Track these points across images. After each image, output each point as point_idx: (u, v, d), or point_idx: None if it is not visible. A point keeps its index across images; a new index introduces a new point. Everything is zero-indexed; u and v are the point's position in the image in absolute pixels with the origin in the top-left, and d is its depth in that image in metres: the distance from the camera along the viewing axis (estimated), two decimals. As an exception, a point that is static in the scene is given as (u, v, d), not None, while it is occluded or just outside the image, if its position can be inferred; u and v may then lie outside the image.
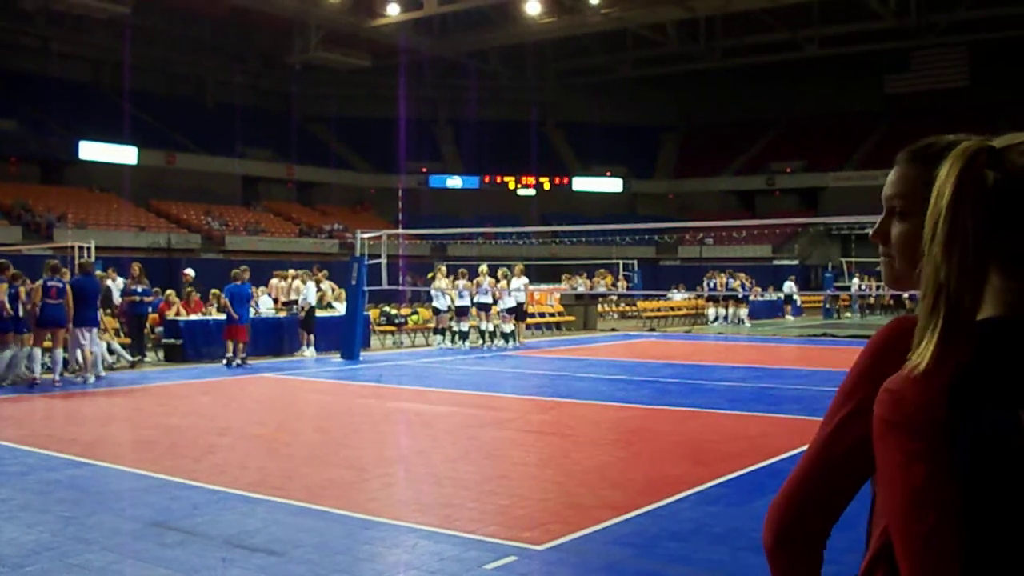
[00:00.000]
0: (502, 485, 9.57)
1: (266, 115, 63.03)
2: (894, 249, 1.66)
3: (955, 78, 64.52)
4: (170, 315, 23.10)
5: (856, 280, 44.73)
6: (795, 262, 55.65)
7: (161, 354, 22.75)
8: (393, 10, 55.46)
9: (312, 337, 24.16)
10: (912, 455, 1.38)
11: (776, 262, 55.97)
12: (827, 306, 44.16)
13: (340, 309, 24.99)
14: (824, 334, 31.58)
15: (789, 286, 41.88)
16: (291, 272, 26.57)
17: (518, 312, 27.80)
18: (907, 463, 1.38)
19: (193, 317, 23.64)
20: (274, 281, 26.51)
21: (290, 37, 59.28)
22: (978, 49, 62.95)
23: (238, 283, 21.88)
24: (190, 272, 26.61)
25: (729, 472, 9.83)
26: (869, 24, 58.94)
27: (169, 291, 24.38)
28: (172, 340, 22.45)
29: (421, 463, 10.81)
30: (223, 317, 22.29)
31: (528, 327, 30.14)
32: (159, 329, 23.14)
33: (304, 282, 24.99)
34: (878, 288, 45.27)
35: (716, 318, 37.84)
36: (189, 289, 25.08)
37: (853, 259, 52.07)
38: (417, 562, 6.89)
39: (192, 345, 22.43)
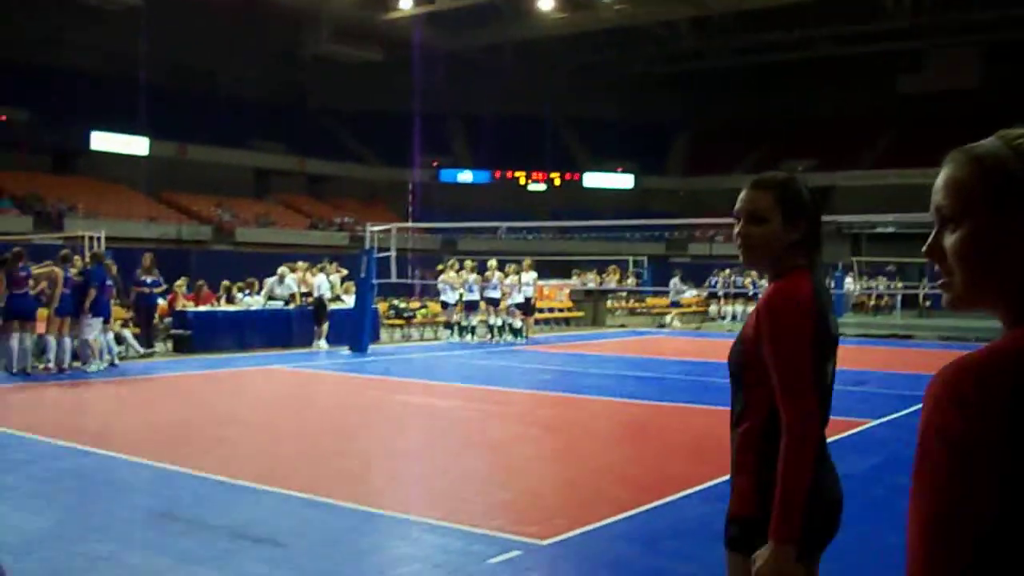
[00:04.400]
0: (507, 479, 9.59)
1: (278, 108, 62.99)
2: (952, 264, 1.52)
3: (968, 79, 64.47)
4: (178, 307, 23.17)
5: (848, 280, 44.65)
6: (806, 261, 55.49)
7: (170, 345, 22.79)
8: (406, 4, 55.50)
9: (325, 328, 24.12)
10: (961, 451, 1.35)
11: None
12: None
13: (349, 302, 25.00)
14: (834, 333, 31.47)
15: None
16: (301, 264, 26.56)
17: (527, 307, 27.79)
18: (951, 459, 1.36)
19: (202, 308, 23.69)
20: (292, 274, 26.33)
21: (303, 30, 59.36)
22: (991, 50, 62.91)
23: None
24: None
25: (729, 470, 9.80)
26: (883, 24, 58.91)
27: (179, 281, 24.39)
28: (181, 331, 22.49)
29: (427, 456, 10.83)
30: (232, 308, 22.29)
31: (537, 322, 30.13)
32: (168, 320, 23.18)
33: (316, 274, 25.03)
34: (867, 289, 45.48)
35: (723, 316, 37.81)
36: (200, 282, 25.13)
37: (864, 258, 51.98)
38: (421, 555, 6.90)
39: (201, 336, 22.45)
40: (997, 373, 1.35)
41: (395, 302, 29.68)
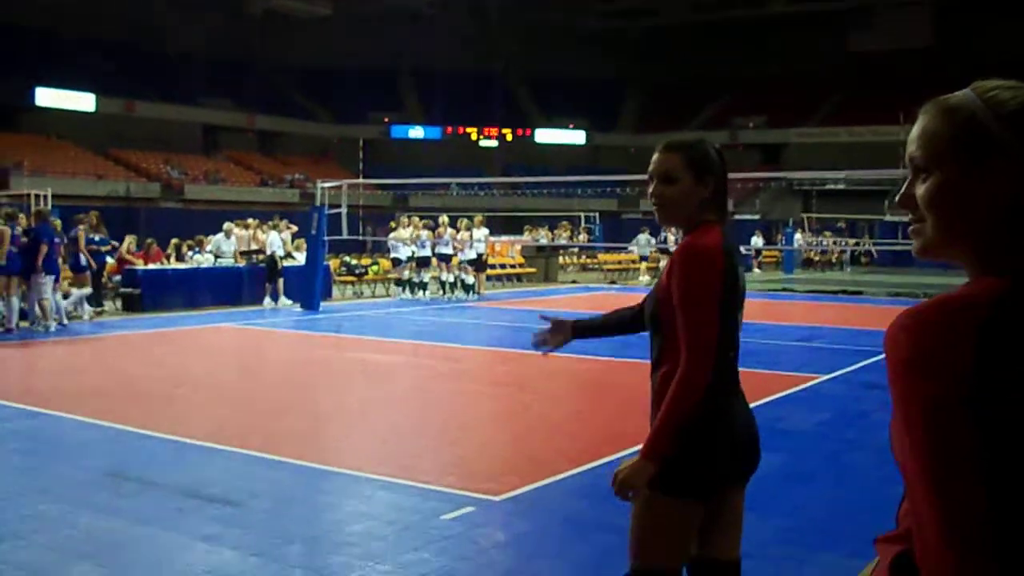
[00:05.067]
0: (460, 436, 9.60)
1: (227, 64, 62.28)
2: (923, 211, 1.56)
3: (918, 38, 64.85)
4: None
5: (798, 236, 45.03)
6: (757, 217, 55.83)
7: (119, 303, 22.59)
8: (357, -42, 55.08)
9: (280, 284, 23.97)
10: (932, 400, 1.38)
11: (738, 216, 56.12)
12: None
13: (300, 259, 24.86)
14: (784, 289, 31.74)
15: (756, 240, 42.24)
16: (251, 221, 26.40)
17: (479, 263, 27.78)
18: (927, 408, 1.39)
19: (152, 267, 23.49)
20: (237, 231, 26.23)
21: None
22: (941, 9, 63.30)
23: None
24: None
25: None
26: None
27: (129, 237, 24.16)
28: (131, 290, 22.27)
29: (380, 414, 10.82)
30: (182, 266, 22.11)
31: (489, 279, 30.11)
32: (117, 278, 22.96)
33: (269, 231, 24.91)
34: (813, 244, 45.88)
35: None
36: (150, 240, 24.92)
37: (815, 215, 52.37)
38: (375, 512, 6.89)
39: (151, 295, 22.24)
40: (968, 313, 1.40)
41: (346, 259, 29.55)
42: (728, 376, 3.33)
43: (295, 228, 26.38)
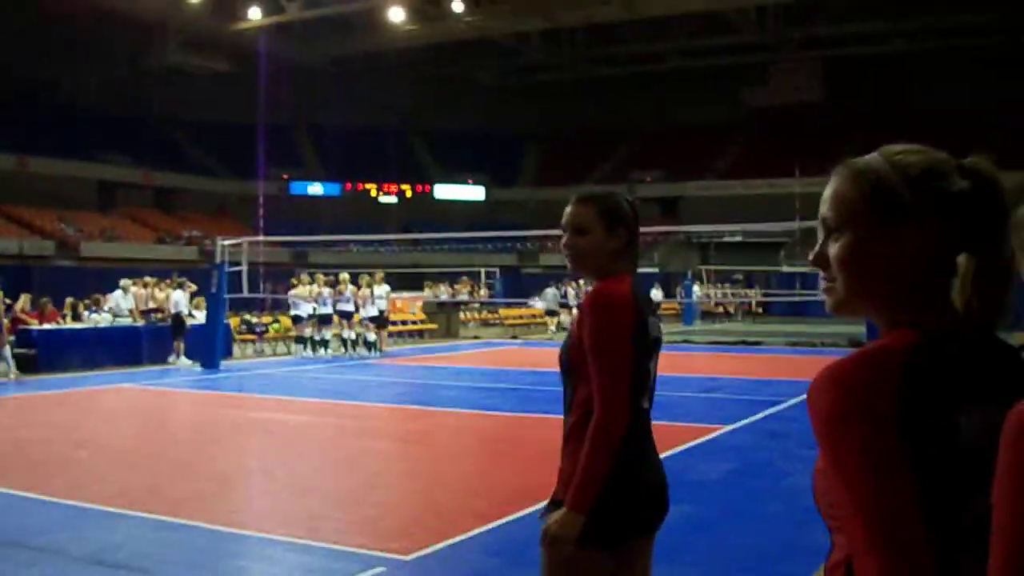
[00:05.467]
0: (368, 495, 9.52)
1: (124, 119, 61.49)
2: (835, 270, 1.63)
3: (811, 92, 66.54)
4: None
5: (696, 288, 45.66)
6: (655, 269, 56.36)
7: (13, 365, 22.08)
8: (254, 14, 54.88)
9: (183, 346, 23.71)
10: (866, 447, 1.42)
11: (637, 270, 56.51)
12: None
13: (200, 318, 24.58)
14: (684, 340, 32.06)
15: (656, 293, 42.65)
16: (149, 279, 26.11)
17: (380, 320, 27.69)
18: (861, 456, 1.43)
19: (48, 326, 23.05)
20: (134, 288, 25.90)
21: (150, 40, 58.18)
22: (833, 64, 65.01)
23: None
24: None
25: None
26: (729, 38, 60.40)
27: (23, 296, 23.71)
28: (26, 350, 21.78)
29: (286, 474, 10.69)
30: (79, 326, 21.73)
31: (390, 335, 30.01)
32: (11, 339, 22.45)
33: (173, 290, 24.68)
34: (711, 297, 46.53)
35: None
36: (44, 299, 24.47)
37: (712, 267, 53.05)
38: (284, 574, 6.81)
39: (47, 355, 21.81)
40: (888, 362, 1.46)
41: (247, 317, 29.30)
42: (640, 426, 3.40)
43: (194, 287, 26.09)
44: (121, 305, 24.78)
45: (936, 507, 1.40)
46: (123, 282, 25.37)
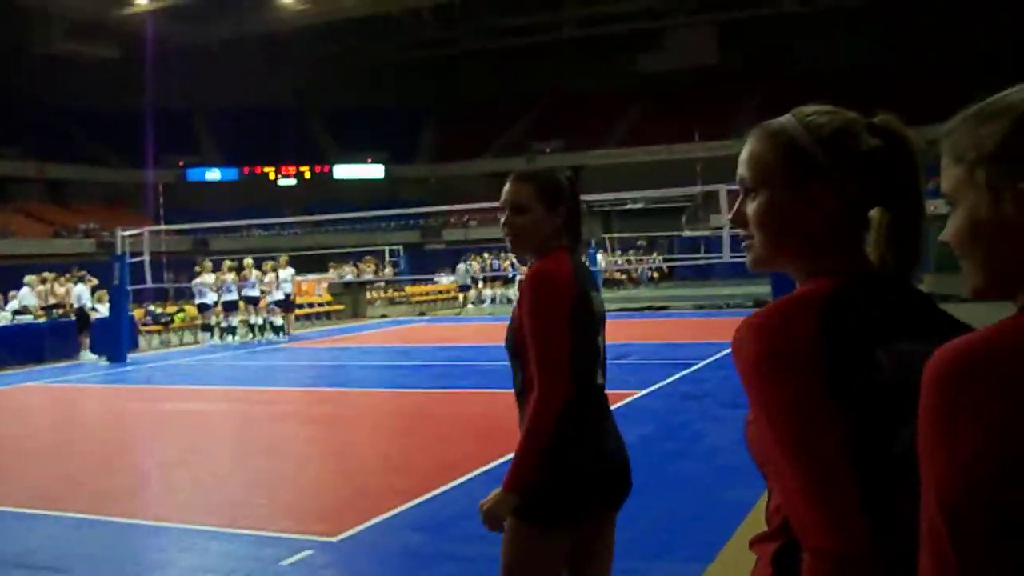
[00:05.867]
0: (289, 479, 9.48)
1: (11, 110, 60.06)
2: (753, 229, 1.69)
3: (705, 55, 67.20)
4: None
5: (600, 256, 46.00)
6: (559, 240, 56.54)
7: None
8: (141, -1, 54.09)
9: (88, 340, 23.33)
10: (790, 391, 1.48)
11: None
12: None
13: (103, 311, 24.19)
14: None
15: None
16: (47, 275, 25.66)
17: (287, 304, 27.51)
18: (785, 404, 1.48)
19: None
20: (30, 284, 25.43)
21: (32, 27, 56.92)
22: (726, 27, 65.70)
23: None
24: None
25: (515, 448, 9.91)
26: (623, 5, 60.75)
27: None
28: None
29: (204, 463, 10.59)
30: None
31: (298, 318, 29.82)
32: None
33: (75, 284, 24.30)
34: (618, 263, 46.89)
35: (483, 300, 38.27)
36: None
37: (615, 235, 53.43)
38: (210, 564, 6.75)
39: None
40: (804, 309, 1.52)
41: (151, 308, 28.91)
42: (594, 402, 3.36)
43: (95, 280, 25.65)
44: (30, 302, 24.33)
45: (865, 443, 1.44)
46: (28, 278, 24.92)
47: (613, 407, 3.43)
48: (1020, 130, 1.23)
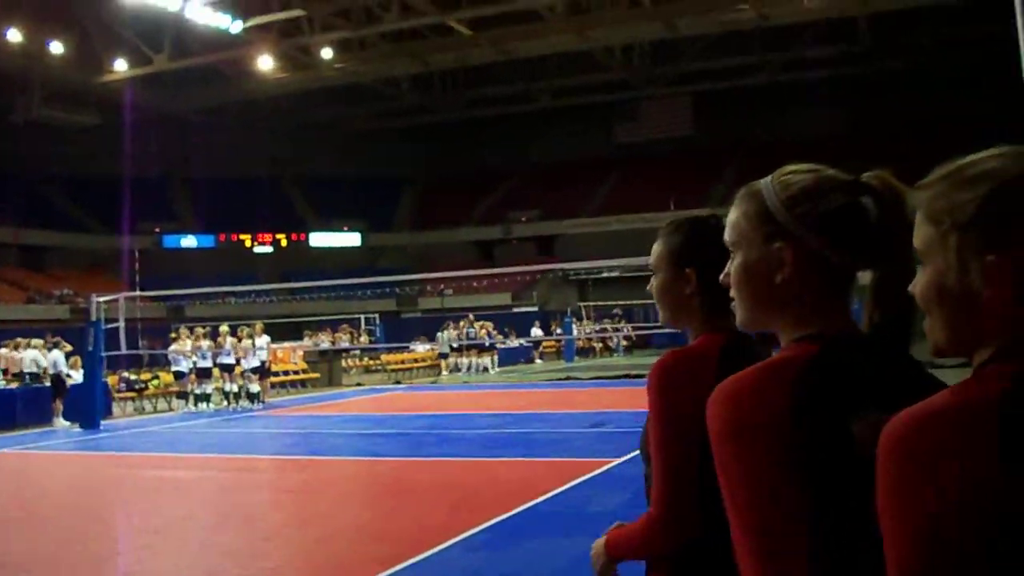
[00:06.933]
0: (265, 549, 9.40)
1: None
2: (732, 289, 1.70)
3: (680, 126, 67.84)
4: None
5: (575, 326, 46.08)
6: (535, 308, 56.66)
7: None
8: (121, 66, 54.19)
9: (61, 407, 23.17)
10: (754, 462, 1.48)
11: (516, 309, 56.88)
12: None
13: (77, 377, 24.05)
14: (568, 377, 32.25)
15: (536, 331, 43.06)
16: (20, 341, 25.54)
17: (262, 371, 27.40)
18: (746, 470, 1.49)
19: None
20: (3, 351, 25.37)
21: (12, 94, 56.96)
22: (701, 99, 66.41)
23: None
24: None
25: (492, 517, 9.90)
26: (598, 76, 61.32)
27: None
28: None
29: (180, 532, 10.50)
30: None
31: (273, 386, 29.69)
32: None
33: (48, 350, 24.23)
34: (589, 331, 46.91)
35: (459, 368, 38.21)
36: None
37: (591, 303, 53.52)
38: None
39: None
40: (780, 379, 1.52)
41: (125, 374, 28.75)
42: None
43: (69, 347, 25.53)
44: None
45: (830, 514, 1.44)
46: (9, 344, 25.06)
47: (594, 474, 3.38)
48: (994, 201, 1.22)
